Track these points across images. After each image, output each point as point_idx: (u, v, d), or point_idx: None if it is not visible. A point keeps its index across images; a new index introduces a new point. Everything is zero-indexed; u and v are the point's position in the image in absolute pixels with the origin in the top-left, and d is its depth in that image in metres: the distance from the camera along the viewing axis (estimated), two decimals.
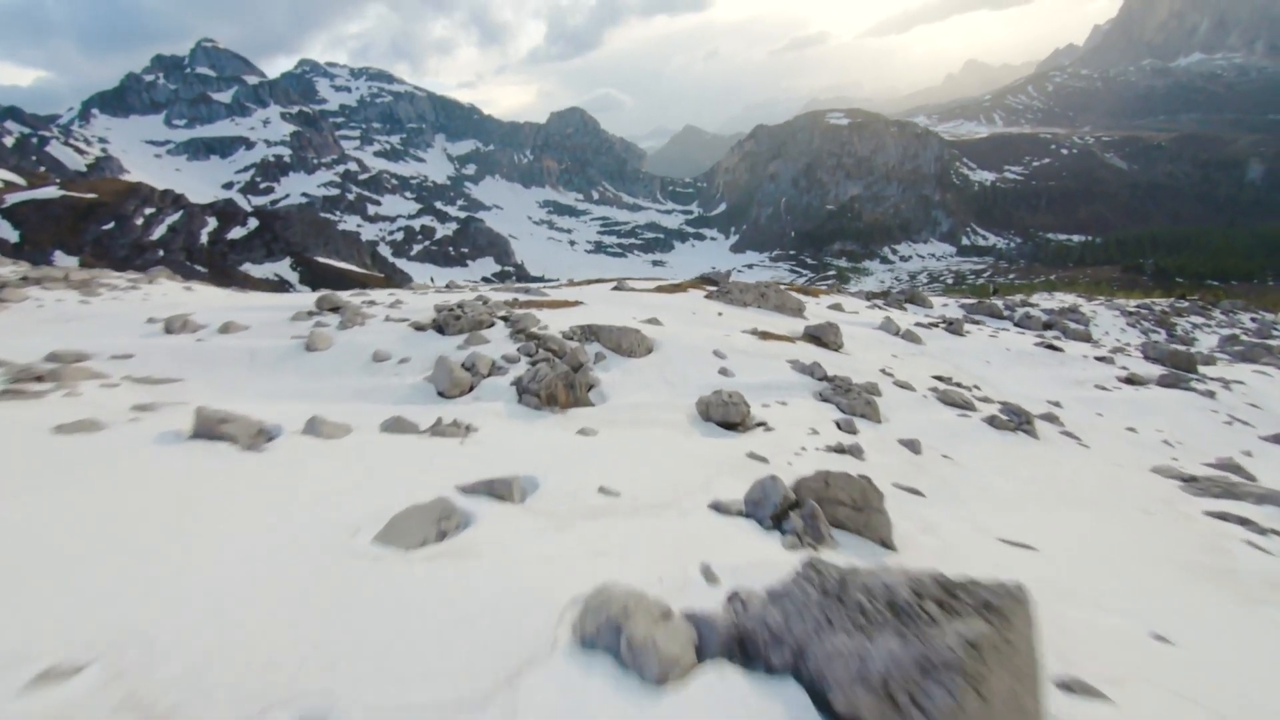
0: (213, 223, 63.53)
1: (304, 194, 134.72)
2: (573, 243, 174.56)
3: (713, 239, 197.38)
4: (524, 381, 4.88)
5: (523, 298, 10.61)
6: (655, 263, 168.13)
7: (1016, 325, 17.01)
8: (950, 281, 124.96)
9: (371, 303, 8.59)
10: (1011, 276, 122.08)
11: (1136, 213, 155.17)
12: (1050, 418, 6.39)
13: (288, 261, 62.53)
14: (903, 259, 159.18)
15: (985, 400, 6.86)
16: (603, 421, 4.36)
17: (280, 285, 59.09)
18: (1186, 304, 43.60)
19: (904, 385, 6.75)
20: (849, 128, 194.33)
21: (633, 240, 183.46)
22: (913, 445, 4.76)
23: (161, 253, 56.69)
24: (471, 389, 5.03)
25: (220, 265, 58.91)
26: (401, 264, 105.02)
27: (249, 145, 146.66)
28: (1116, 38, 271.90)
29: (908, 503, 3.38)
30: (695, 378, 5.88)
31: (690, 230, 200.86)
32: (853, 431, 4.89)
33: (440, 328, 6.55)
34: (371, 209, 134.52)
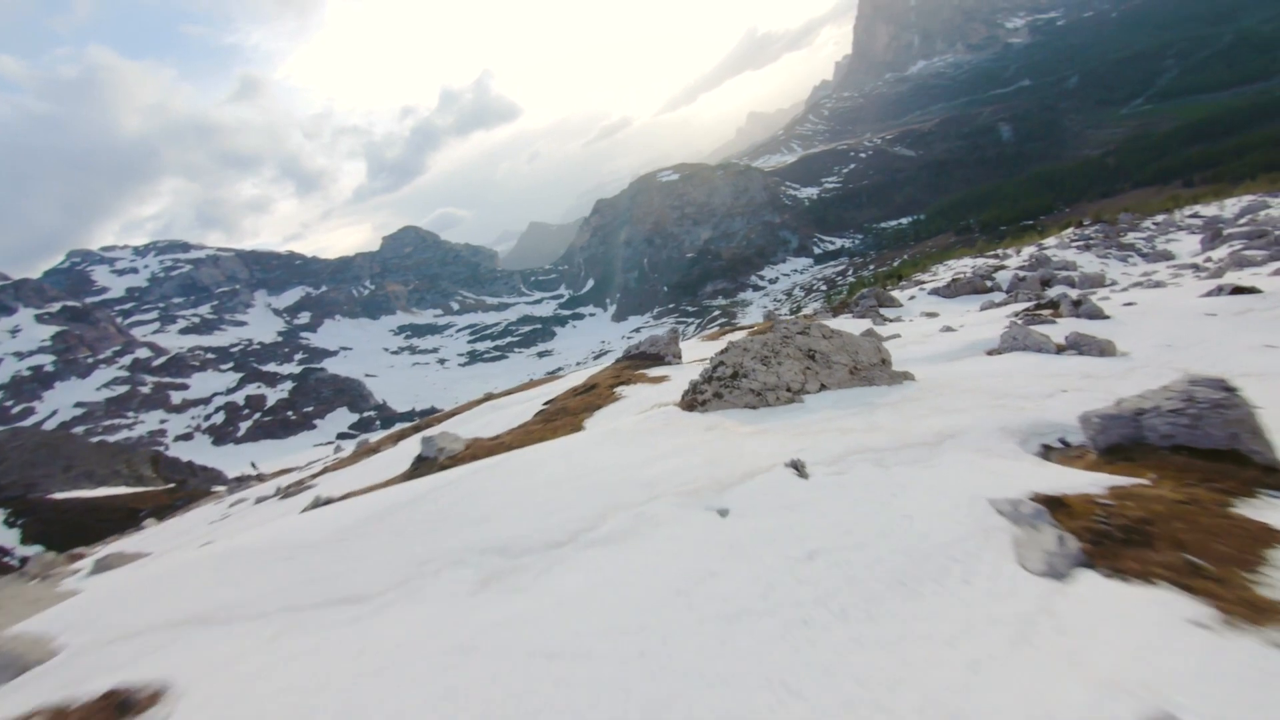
0: None
1: (78, 403, 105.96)
2: (442, 361, 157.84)
3: (591, 315, 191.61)
4: None
5: None
6: (541, 354, 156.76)
7: (1008, 293, 16.09)
8: (825, 288, 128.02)
9: None
10: (872, 267, 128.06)
11: (937, 187, 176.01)
12: None
13: (1, 515, 41.90)
14: (771, 281, 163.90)
15: None
16: None
17: None
18: (1097, 226, 40.26)
19: None
20: (681, 180, 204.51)
21: (510, 338, 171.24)
22: None
23: None
24: None
25: None
26: (223, 451, 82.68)
27: None
28: (857, 65, 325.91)
29: None
30: None
31: (567, 313, 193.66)
32: None
33: None
34: (177, 396, 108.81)
